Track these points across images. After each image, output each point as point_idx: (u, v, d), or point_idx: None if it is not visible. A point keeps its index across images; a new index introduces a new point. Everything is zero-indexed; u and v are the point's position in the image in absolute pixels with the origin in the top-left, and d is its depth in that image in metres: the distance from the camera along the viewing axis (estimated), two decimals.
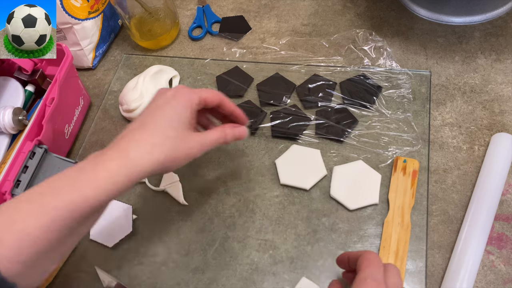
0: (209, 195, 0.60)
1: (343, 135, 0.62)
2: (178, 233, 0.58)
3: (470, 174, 0.57)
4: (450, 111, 0.63)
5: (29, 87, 0.68)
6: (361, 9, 0.78)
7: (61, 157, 0.58)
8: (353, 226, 0.55)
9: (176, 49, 0.79)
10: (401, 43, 0.71)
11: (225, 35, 0.78)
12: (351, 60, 0.71)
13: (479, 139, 0.60)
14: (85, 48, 0.75)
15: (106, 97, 0.74)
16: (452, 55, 0.69)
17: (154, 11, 0.75)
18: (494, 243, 0.52)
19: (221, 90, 0.70)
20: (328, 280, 0.52)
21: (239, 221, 0.57)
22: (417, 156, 0.59)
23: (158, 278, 0.55)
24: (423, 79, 0.66)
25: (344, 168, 0.59)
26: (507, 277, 0.50)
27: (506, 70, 0.66)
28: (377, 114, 0.64)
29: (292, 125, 0.64)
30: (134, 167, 0.40)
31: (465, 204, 0.55)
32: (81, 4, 0.72)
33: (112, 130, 0.69)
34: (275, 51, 0.74)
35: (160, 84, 0.69)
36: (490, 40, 0.69)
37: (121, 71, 0.77)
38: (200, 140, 0.46)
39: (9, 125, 0.60)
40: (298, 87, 0.68)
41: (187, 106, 0.46)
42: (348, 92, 0.66)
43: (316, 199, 0.58)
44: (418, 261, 0.52)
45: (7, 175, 0.53)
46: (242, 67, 0.73)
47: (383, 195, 0.57)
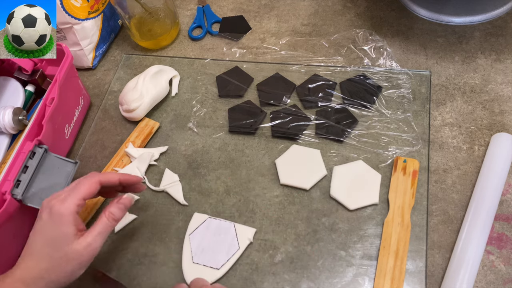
0: (209, 195, 0.60)
1: (343, 135, 0.62)
2: (178, 233, 0.58)
3: (470, 174, 0.57)
4: (450, 111, 0.63)
5: (29, 87, 0.68)
6: (361, 9, 0.78)
7: (61, 157, 0.58)
8: (353, 226, 0.55)
9: (176, 49, 0.79)
10: (401, 43, 0.71)
11: (225, 35, 0.78)
12: (351, 60, 0.71)
13: (479, 139, 0.60)
14: (85, 48, 0.75)
15: (106, 97, 0.74)
16: (452, 55, 0.69)
17: (154, 11, 0.75)
18: (494, 243, 0.52)
19: (221, 90, 0.70)
20: (328, 280, 0.52)
21: (239, 221, 0.57)
22: (417, 156, 0.59)
23: (158, 278, 0.55)
24: (423, 79, 0.66)
25: (344, 168, 0.59)
26: (507, 277, 0.50)
27: (506, 70, 0.66)
28: (377, 114, 0.64)
29: (292, 125, 0.64)
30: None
31: (465, 204, 0.55)
32: (81, 4, 0.72)
33: (112, 130, 0.69)
34: (275, 51, 0.74)
35: (160, 84, 0.69)
36: (490, 40, 0.69)
37: (121, 71, 0.77)
38: (85, 245, 0.46)
39: (9, 125, 0.60)
40: (298, 87, 0.68)
41: (63, 224, 0.46)
42: (348, 92, 0.66)
43: (316, 199, 0.58)
44: (418, 261, 0.52)
45: (7, 175, 0.53)
46: (242, 67, 0.73)
47: (383, 195, 0.57)
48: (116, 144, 0.68)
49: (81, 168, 0.65)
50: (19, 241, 0.58)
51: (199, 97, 0.71)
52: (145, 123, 0.68)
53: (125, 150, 0.65)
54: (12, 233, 0.56)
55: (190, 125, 0.67)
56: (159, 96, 0.69)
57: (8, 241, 0.55)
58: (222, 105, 0.69)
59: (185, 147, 0.66)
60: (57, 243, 0.46)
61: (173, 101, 0.71)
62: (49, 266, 0.46)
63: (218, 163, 0.63)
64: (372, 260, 0.52)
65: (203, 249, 0.55)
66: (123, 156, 0.65)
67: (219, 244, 0.55)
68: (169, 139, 0.67)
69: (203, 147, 0.65)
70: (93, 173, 0.50)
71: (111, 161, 0.65)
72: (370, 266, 0.52)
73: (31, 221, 0.60)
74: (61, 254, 0.46)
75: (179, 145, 0.66)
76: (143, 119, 0.68)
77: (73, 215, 0.47)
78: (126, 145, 0.66)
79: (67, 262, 0.46)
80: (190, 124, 0.67)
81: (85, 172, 0.65)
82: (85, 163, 0.66)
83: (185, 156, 0.65)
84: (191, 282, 0.47)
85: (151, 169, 0.64)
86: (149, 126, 0.67)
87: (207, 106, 0.69)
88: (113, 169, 0.64)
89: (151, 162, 0.64)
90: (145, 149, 0.65)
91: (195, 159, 0.64)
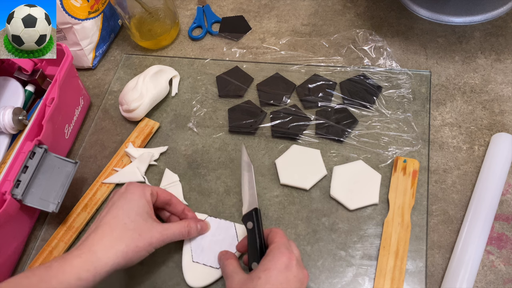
0: (209, 195, 0.60)
1: (343, 135, 0.62)
2: None
3: (470, 174, 0.57)
4: (450, 111, 0.63)
5: (29, 87, 0.69)
6: (361, 9, 0.78)
7: (61, 157, 0.58)
8: (353, 226, 0.55)
9: (176, 49, 0.79)
10: (401, 43, 0.71)
11: (225, 35, 0.78)
12: (351, 60, 0.71)
13: (479, 139, 0.60)
14: (85, 48, 0.75)
15: (106, 97, 0.74)
16: (452, 55, 0.69)
17: (154, 11, 0.75)
18: (494, 243, 0.52)
19: (221, 90, 0.70)
20: (328, 280, 0.52)
21: (239, 221, 0.57)
22: (417, 156, 0.59)
23: (158, 278, 0.55)
24: (423, 79, 0.66)
25: (344, 168, 0.59)
26: (507, 277, 0.50)
27: (506, 70, 0.66)
28: (377, 114, 0.64)
29: (292, 125, 0.64)
30: (98, 261, 0.44)
31: (465, 204, 0.55)
32: (81, 4, 0.72)
33: (112, 130, 0.69)
34: (275, 51, 0.74)
35: (160, 84, 0.69)
36: (490, 40, 0.69)
37: (121, 71, 0.77)
38: (161, 230, 0.49)
39: (9, 125, 0.60)
40: (298, 87, 0.68)
41: (141, 196, 0.49)
42: (348, 92, 0.66)
43: (316, 199, 0.58)
44: (418, 261, 0.52)
45: (7, 175, 0.53)
46: (242, 67, 0.73)
47: (383, 195, 0.57)
48: (116, 144, 0.68)
49: (81, 168, 0.65)
50: (19, 241, 0.58)
51: (199, 97, 0.71)
52: (145, 123, 0.68)
53: (125, 150, 0.65)
54: (12, 233, 0.56)
55: (190, 125, 0.67)
56: (159, 96, 0.69)
57: (8, 241, 0.55)
58: (222, 105, 0.69)
59: (185, 147, 0.66)
60: (132, 214, 0.47)
61: (173, 101, 0.71)
62: (120, 234, 0.46)
63: (218, 163, 0.63)
64: (372, 260, 0.52)
65: (203, 249, 0.55)
66: (123, 156, 0.65)
67: (219, 244, 0.55)
68: (169, 139, 0.67)
69: (203, 147, 0.65)
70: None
71: (111, 161, 0.65)
72: (370, 266, 0.52)
73: (31, 221, 0.60)
74: (134, 226, 0.47)
75: (179, 145, 0.66)
76: (143, 119, 0.68)
77: (148, 195, 0.50)
78: (126, 145, 0.66)
79: (140, 234, 0.47)
80: (190, 124, 0.68)
81: (85, 172, 0.65)
82: (85, 163, 0.66)
83: (185, 156, 0.65)
84: (273, 231, 0.48)
85: (151, 169, 0.64)
86: (149, 126, 0.67)
87: (207, 106, 0.69)
88: (113, 169, 0.64)
89: (151, 162, 0.64)
90: (145, 149, 0.65)
91: (195, 159, 0.64)
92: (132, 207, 0.48)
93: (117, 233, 0.46)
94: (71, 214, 0.60)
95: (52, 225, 0.61)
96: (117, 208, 0.48)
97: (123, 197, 0.50)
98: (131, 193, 0.50)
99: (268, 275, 0.43)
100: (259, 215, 0.50)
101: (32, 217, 0.60)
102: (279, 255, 0.44)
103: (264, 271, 0.43)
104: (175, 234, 0.51)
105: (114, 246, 0.45)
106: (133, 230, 0.47)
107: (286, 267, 0.43)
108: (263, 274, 0.43)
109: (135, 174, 0.63)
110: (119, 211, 0.48)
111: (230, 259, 0.49)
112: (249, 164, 0.55)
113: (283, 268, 0.43)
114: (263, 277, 0.43)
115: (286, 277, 0.43)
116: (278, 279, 0.42)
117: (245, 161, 0.56)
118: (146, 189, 0.51)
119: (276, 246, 0.45)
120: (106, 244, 0.45)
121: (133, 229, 0.47)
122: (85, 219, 0.60)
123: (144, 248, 0.47)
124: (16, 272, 0.58)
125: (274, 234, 0.47)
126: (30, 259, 0.58)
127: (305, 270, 0.45)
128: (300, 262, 0.46)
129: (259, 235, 0.49)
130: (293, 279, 0.43)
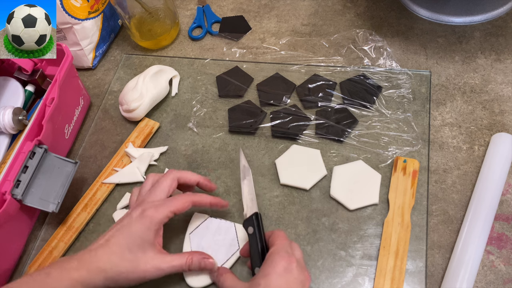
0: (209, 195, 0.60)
1: (343, 135, 0.62)
2: (178, 232, 0.58)
3: (470, 174, 0.57)
4: (450, 111, 0.63)
5: (29, 87, 0.69)
6: (361, 9, 0.78)
7: (61, 157, 0.58)
8: (353, 226, 0.55)
9: (176, 49, 0.79)
10: (401, 43, 0.71)
11: (225, 35, 0.78)
12: (351, 60, 0.71)
13: (479, 139, 0.60)
14: (85, 48, 0.75)
15: (106, 97, 0.74)
16: (452, 55, 0.69)
17: (154, 11, 0.75)
18: (494, 243, 0.52)
19: (221, 90, 0.70)
20: (328, 280, 0.52)
21: (239, 221, 0.57)
22: (417, 156, 0.59)
23: (158, 278, 0.55)
24: (423, 79, 0.66)
25: (344, 168, 0.59)
26: (507, 277, 0.50)
27: (506, 70, 0.66)
28: (377, 114, 0.64)
29: (292, 125, 0.64)
30: (90, 280, 0.45)
31: (465, 204, 0.55)
32: (81, 4, 0.72)
33: (112, 130, 0.69)
34: (275, 51, 0.74)
35: (160, 84, 0.69)
36: (490, 40, 0.69)
37: (121, 71, 0.77)
38: (157, 265, 0.48)
39: (9, 125, 0.60)
40: (298, 87, 0.68)
41: (149, 228, 0.48)
42: (348, 92, 0.66)
43: (316, 199, 0.58)
44: (418, 261, 0.52)
45: (7, 175, 0.53)
46: (242, 67, 0.73)
47: (383, 195, 0.57)
48: (116, 144, 0.68)
49: (81, 168, 0.65)
50: (19, 241, 0.58)
51: (199, 97, 0.71)
52: (145, 123, 0.68)
53: (125, 150, 0.65)
54: (12, 233, 0.56)
55: (190, 125, 0.67)
56: (159, 96, 0.69)
57: (8, 241, 0.55)
58: (222, 105, 0.69)
59: (185, 147, 0.66)
60: (133, 245, 0.48)
61: (173, 101, 0.71)
62: (116, 262, 0.47)
63: (218, 163, 0.63)
64: (372, 260, 0.52)
65: (203, 249, 0.55)
66: (123, 156, 0.65)
67: (219, 244, 0.55)
68: (169, 139, 0.67)
69: (203, 147, 0.65)
70: (188, 193, 0.53)
71: (111, 161, 0.65)
72: (370, 266, 0.52)
73: (31, 221, 0.60)
74: (131, 257, 0.47)
75: (179, 145, 0.66)
76: (143, 119, 0.68)
77: (160, 224, 0.49)
78: (126, 145, 0.66)
79: (134, 267, 0.47)
80: (190, 124, 0.68)
81: (85, 172, 0.65)
82: (85, 163, 0.66)
83: (185, 156, 0.65)
84: (274, 233, 0.48)
85: (151, 169, 0.64)
86: (149, 126, 0.67)
87: (207, 106, 0.69)
88: (113, 169, 0.64)
89: (151, 162, 0.64)
90: (145, 149, 0.65)
91: (195, 159, 0.64)
92: (135, 238, 0.48)
93: (114, 259, 0.47)
94: (71, 214, 0.60)
95: (52, 225, 0.61)
96: (122, 234, 0.48)
97: (132, 224, 0.48)
98: (141, 223, 0.48)
99: (268, 281, 0.43)
100: (260, 219, 0.50)
101: (32, 217, 0.60)
102: (278, 259, 0.44)
103: (263, 277, 0.43)
104: (174, 268, 0.50)
105: (107, 272, 0.46)
106: (128, 262, 0.47)
107: (286, 270, 0.43)
108: (262, 280, 0.43)
109: (135, 174, 0.63)
110: (123, 238, 0.48)
111: (225, 274, 0.49)
112: (247, 168, 0.55)
113: (283, 272, 0.43)
114: (263, 283, 0.43)
115: (286, 280, 0.43)
116: (278, 283, 0.43)
117: (243, 165, 0.56)
118: (158, 217, 0.49)
119: (276, 250, 0.45)
120: (100, 266, 0.46)
121: (129, 261, 0.47)
122: (85, 219, 0.60)
123: (135, 279, 0.48)
124: (16, 272, 0.58)
125: (275, 237, 0.48)
126: (30, 259, 0.58)
127: (307, 272, 0.45)
128: (301, 264, 0.46)
129: (260, 240, 0.49)
130: (293, 282, 0.43)
